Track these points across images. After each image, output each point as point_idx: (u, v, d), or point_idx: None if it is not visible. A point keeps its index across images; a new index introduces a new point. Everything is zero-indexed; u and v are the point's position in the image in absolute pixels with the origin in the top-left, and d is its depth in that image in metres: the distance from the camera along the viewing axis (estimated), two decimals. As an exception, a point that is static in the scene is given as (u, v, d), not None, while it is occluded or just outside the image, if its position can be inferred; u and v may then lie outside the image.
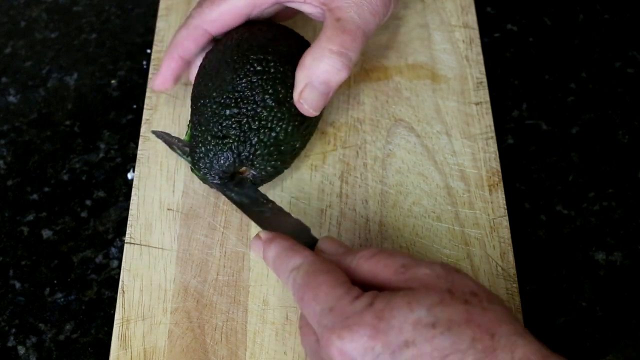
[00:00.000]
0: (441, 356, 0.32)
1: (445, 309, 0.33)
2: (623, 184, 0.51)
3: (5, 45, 0.60)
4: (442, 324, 0.33)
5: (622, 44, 0.58)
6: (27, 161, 0.54)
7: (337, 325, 0.34)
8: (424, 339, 0.32)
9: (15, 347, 0.46)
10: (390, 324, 0.33)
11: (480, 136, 0.51)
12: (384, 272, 0.36)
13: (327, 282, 0.36)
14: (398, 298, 0.34)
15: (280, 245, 0.40)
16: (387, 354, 0.32)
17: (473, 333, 0.32)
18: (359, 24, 0.44)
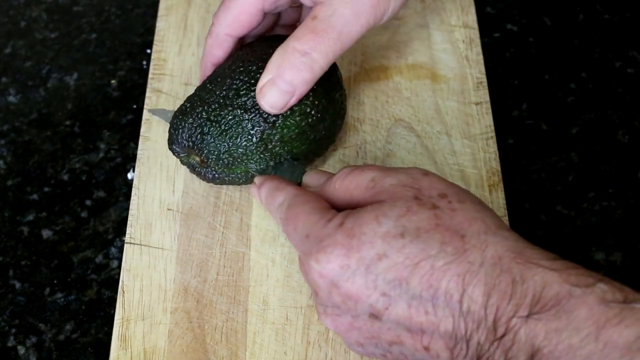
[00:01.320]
0: (413, 264, 0.33)
1: (412, 217, 0.34)
2: (623, 184, 0.51)
3: (5, 45, 0.60)
4: (410, 232, 0.33)
5: (622, 44, 0.58)
6: (27, 161, 0.54)
7: (314, 249, 0.35)
8: (394, 249, 0.33)
9: (15, 347, 0.46)
10: (362, 240, 0.34)
11: (480, 136, 0.51)
12: (356, 191, 0.37)
13: (304, 211, 0.37)
14: (366, 213, 0.34)
15: (268, 186, 0.41)
16: (362, 269, 0.33)
17: (442, 237, 0.33)
18: (335, 25, 0.41)
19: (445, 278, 0.32)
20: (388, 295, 0.33)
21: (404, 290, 0.33)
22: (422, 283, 0.33)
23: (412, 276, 0.33)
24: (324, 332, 0.43)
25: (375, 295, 0.34)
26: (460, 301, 0.32)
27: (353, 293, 0.34)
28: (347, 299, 0.34)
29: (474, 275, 0.32)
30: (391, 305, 0.33)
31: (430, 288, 0.32)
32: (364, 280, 0.34)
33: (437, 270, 0.32)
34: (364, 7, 0.41)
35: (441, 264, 0.32)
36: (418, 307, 0.33)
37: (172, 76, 0.54)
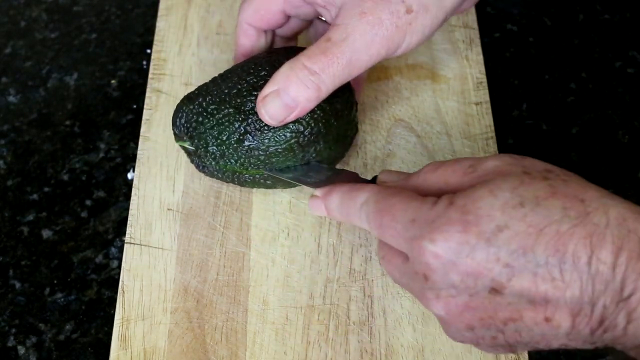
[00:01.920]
0: (537, 231, 0.32)
1: (527, 187, 0.33)
2: (623, 184, 0.51)
3: (5, 45, 0.60)
4: (529, 201, 0.33)
5: (622, 44, 0.58)
6: (27, 161, 0.54)
7: (425, 231, 0.34)
8: (515, 219, 0.32)
9: (15, 347, 0.46)
10: (478, 215, 0.33)
11: (480, 136, 0.51)
12: (453, 177, 0.36)
13: (400, 201, 0.36)
14: (478, 190, 0.34)
15: (340, 191, 0.40)
16: (482, 243, 0.33)
17: (562, 202, 0.33)
18: (345, 51, 0.40)
19: (572, 241, 0.32)
20: (511, 266, 0.32)
21: (529, 259, 0.32)
22: (548, 249, 0.32)
23: (537, 244, 0.32)
24: (324, 332, 0.43)
25: (497, 267, 0.33)
26: (589, 263, 0.32)
27: (473, 269, 0.33)
28: (467, 277, 0.33)
29: (601, 236, 0.32)
30: (515, 276, 0.32)
31: (557, 253, 0.32)
32: (485, 253, 0.33)
33: (562, 234, 0.32)
34: (378, 38, 0.41)
35: (566, 228, 0.32)
36: (544, 274, 0.32)
37: (172, 76, 0.54)
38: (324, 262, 0.46)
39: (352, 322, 0.44)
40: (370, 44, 0.41)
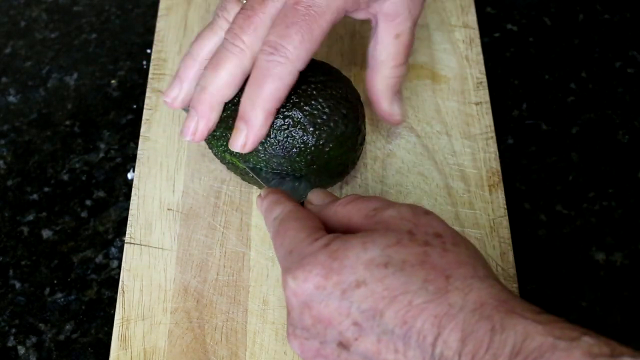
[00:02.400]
0: (391, 296, 0.31)
1: (400, 249, 0.33)
2: (623, 184, 0.51)
3: (5, 45, 0.60)
4: (394, 264, 0.32)
5: (622, 44, 0.58)
6: (27, 161, 0.54)
7: (293, 265, 0.34)
8: (375, 278, 0.32)
9: (15, 347, 0.46)
10: (343, 264, 0.33)
11: (480, 136, 0.51)
12: (356, 216, 0.36)
13: (294, 227, 0.36)
14: (354, 239, 0.33)
15: (269, 199, 0.40)
16: (338, 293, 0.32)
17: (426, 274, 0.32)
18: (414, 30, 0.44)
19: (422, 317, 0.31)
20: (360, 325, 0.32)
21: (377, 323, 0.32)
22: (396, 318, 0.31)
23: (387, 309, 0.31)
24: (324, 332, 0.43)
25: (346, 323, 0.32)
26: (434, 344, 0.31)
27: (325, 317, 0.33)
28: (318, 323, 0.33)
29: (451, 318, 0.31)
30: (361, 337, 0.32)
31: (404, 325, 0.31)
32: (337, 305, 0.32)
33: (414, 307, 0.31)
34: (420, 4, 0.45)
35: (420, 302, 0.31)
36: (388, 343, 0.32)
37: (172, 76, 0.54)
38: (324, 262, 0.46)
39: (352, 322, 0.44)
40: (419, 10, 0.44)
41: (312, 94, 0.43)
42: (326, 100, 0.43)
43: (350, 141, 0.44)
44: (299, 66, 0.41)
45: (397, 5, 0.43)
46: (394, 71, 0.44)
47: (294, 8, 0.41)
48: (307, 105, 0.43)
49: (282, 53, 0.40)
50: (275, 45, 0.40)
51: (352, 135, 0.44)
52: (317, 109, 0.43)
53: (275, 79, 0.40)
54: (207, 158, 0.50)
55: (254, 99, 0.41)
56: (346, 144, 0.44)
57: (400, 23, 0.44)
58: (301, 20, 0.40)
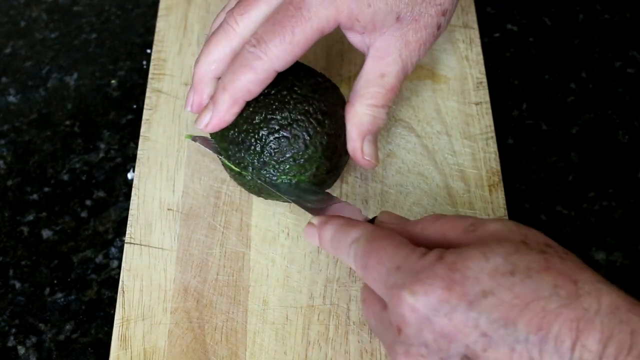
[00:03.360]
0: (523, 304, 0.30)
1: (522, 257, 0.32)
2: (623, 184, 0.51)
3: (5, 45, 0.60)
4: (521, 271, 0.31)
5: (622, 44, 0.58)
6: (27, 161, 0.54)
7: (408, 280, 0.32)
8: (503, 287, 0.31)
9: (15, 347, 0.46)
10: (465, 275, 0.31)
11: (480, 136, 0.51)
12: (451, 232, 0.35)
13: (390, 244, 0.35)
14: (470, 250, 0.32)
15: (336, 223, 0.39)
16: (463, 305, 0.31)
17: (554, 279, 0.31)
18: (401, 77, 0.44)
19: (558, 322, 0.30)
20: (489, 337, 0.31)
21: (509, 332, 0.30)
22: (530, 325, 0.30)
23: (520, 317, 0.30)
24: (324, 332, 0.43)
25: (474, 335, 0.31)
26: (572, 348, 0.30)
27: (449, 331, 0.31)
28: (441, 338, 0.32)
29: (589, 322, 0.30)
30: (491, 348, 0.31)
31: (540, 331, 0.30)
32: (464, 317, 0.31)
33: (549, 313, 0.30)
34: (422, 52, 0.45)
35: (554, 307, 0.30)
36: (522, 352, 0.30)
37: (172, 76, 0.54)
38: (324, 262, 0.46)
39: (352, 322, 0.44)
40: (417, 58, 0.44)
41: (286, 103, 0.43)
42: (297, 115, 0.43)
43: (311, 163, 0.43)
44: (277, 66, 0.41)
45: (390, 44, 0.43)
46: (370, 109, 0.43)
47: (286, 7, 0.41)
48: (274, 113, 0.43)
49: (263, 49, 0.41)
50: (258, 39, 0.41)
51: (313, 155, 0.43)
52: (283, 120, 0.43)
53: (251, 71, 0.41)
54: (207, 158, 0.50)
55: (226, 84, 0.42)
56: (306, 165, 0.43)
57: (389, 64, 0.43)
58: (287, 21, 0.41)
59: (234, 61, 0.42)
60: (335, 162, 0.44)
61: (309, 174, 0.43)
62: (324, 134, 0.43)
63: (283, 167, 0.43)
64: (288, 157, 0.43)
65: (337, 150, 0.44)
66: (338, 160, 0.45)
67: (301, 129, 0.43)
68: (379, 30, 0.43)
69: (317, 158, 0.43)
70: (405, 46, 0.43)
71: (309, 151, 0.43)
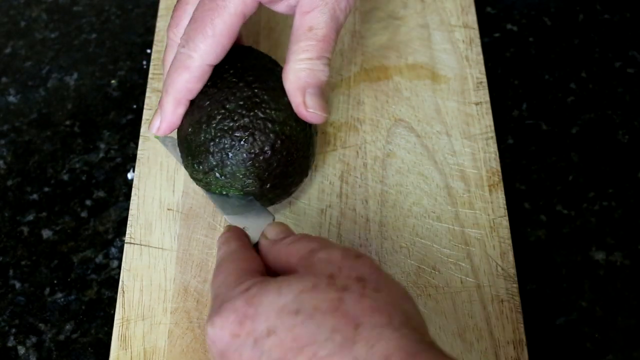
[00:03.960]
0: (299, 347, 0.30)
1: (313, 295, 0.31)
2: (623, 184, 0.51)
3: (5, 45, 0.60)
4: (305, 311, 0.31)
5: (622, 44, 0.58)
6: (27, 161, 0.54)
7: (214, 311, 0.33)
8: (285, 327, 0.31)
9: (15, 347, 0.46)
10: (258, 311, 0.32)
11: (480, 136, 0.51)
12: (294, 257, 0.35)
13: (227, 270, 0.36)
14: (272, 283, 0.33)
15: (222, 237, 0.40)
16: (250, 342, 0.31)
17: (336, 323, 0.30)
18: (332, 25, 0.42)
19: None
20: None
21: None
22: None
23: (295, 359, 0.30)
24: (324, 332, 0.43)
25: None
26: None
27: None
28: None
29: None
30: None
31: None
32: (250, 354, 0.31)
33: (319, 359, 0.30)
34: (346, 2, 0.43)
35: (324, 354, 0.30)
36: None
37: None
38: (324, 262, 0.46)
39: (352, 322, 0.44)
40: (343, 8, 0.42)
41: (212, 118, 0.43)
42: (219, 132, 0.42)
43: (235, 180, 0.43)
44: (209, 60, 0.42)
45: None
46: (304, 63, 0.42)
47: (203, 2, 0.42)
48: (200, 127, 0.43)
49: (191, 47, 0.41)
50: (186, 38, 0.42)
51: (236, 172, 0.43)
52: (207, 134, 0.43)
53: (185, 70, 0.42)
54: (207, 158, 0.50)
55: (167, 87, 0.43)
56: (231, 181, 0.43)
57: (315, 16, 0.42)
58: (205, 15, 0.41)
59: (171, 65, 0.43)
60: (269, 178, 0.43)
61: (236, 187, 0.43)
62: (245, 152, 0.42)
63: (210, 179, 0.43)
64: (212, 171, 0.43)
65: (272, 167, 0.43)
66: (277, 176, 0.43)
67: (222, 145, 0.42)
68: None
69: (240, 175, 0.43)
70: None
71: (229, 168, 0.43)
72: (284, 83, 0.43)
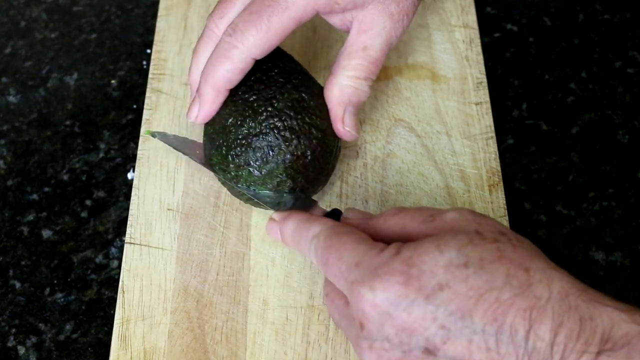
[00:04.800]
0: (477, 295, 0.31)
1: (475, 248, 0.32)
2: (623, 184, 0.51)
3: (5, 45, 0.60)
4: (474, 262, 0.32)
5: (622, 44, 0.58)
6: (27, 161, 0.54)
7: (367, 277, 0.33)
8: (457, 279, 0.32)
9: (15, 347, 0.46)
10: (422, 269, 0.32)
11: (480, 136, 0.51)
12: (411, 224, 0.36)
13: (350, 241, 0.35)
14: (426, 243, 0.33)
15: (297, 218, 0.39)
16: (421, 299, 0.32)
17: (507, 269, 0.32)
18: (385, 50, 0.44)
19: (511, 312, 0.31)
20: (447, 329, 0.31)
21: (466, 324, 0.31)
22: (486, 316, 0.31)
23: (475, 309, 0.31)
24: (324, 332, 0.43)
25: (433, 327, 0.32)
26: (527, 337, 0.31)
27: (409, 325, 0.32)
28: (401, 332, 0.32)
29: (541, 310, 0.31)
30: (450, 340, 0.31)
31: (495, 322, 0.31)
32: (422, 310, 0.32)
33: (502, 303, 0.31)
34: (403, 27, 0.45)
35: (507, 297, 0.31)
36: (480, 343, 0.31)
37: (172, 76, 0.54)
38: (324, 262, 0.46)
39: (352, 322, 0.44)
40: (398, 33, 0.44)
41: (259, 114, 0.43)
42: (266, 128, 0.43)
43: (272, 178, 0.43)
44: (254, 53, 0.42)
45: (373, 17, 0.43)
46: (352, 81, 0.44)
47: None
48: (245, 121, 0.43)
49: (239, 37, 0.41)
50: (234, 28, 0.42)
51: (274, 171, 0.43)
52: (251, 129, 0.43)
53: (229, 61, 0.42)
54: (207, 158, 0.50)
55: (207, 76, 0.43)
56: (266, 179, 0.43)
57: (372, 37, 0.43)
58: (263, 10, 0.41)
59: (213, 52, 0.43)
60: (301, 181, 0.44)
61: (270, 186, 0.43)
62: (288, 153, 0.43)
63: (242, 173, 0.43)
64: (249, 166, 0.43)
65: (307, 171, 0.43)
66: (308, 181, 0.44)
67: (266, 142, 0.43)
68: (360, 7, 0.43)
69: (277, 174, 0.43)
70: (389, 18, 0.43)
71: (268, 166, 0.43)
72: (326, 94, 0.44)
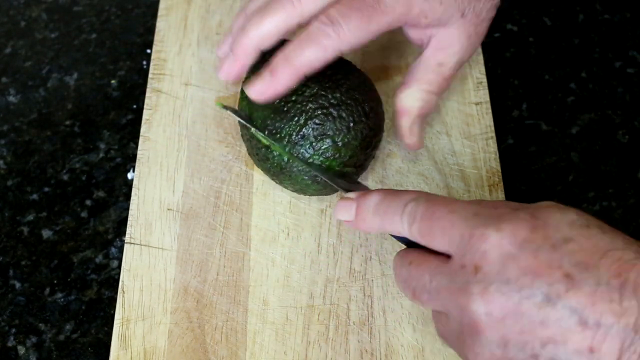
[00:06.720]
0: (602, 252, 0.32)
1: (591, 217, 0.34)
2: (623, 184, 0.51)
3: (5, 45, 0.60)
4: (595, 225, 0.33)
5: (622, 44, 0.58)
6: (27, 161, 0.54)
7: (492, 221, 0.33)
8: (582, 236, 0.32)
9: (15, 347, 0.46)
10: (547, 222, 0.33)
11: (480, 136, 0.51)
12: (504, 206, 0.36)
13: (456, 200, 0.36)
14: (544, 205, 0.34)
15: (383, 191, 0.39)
16: (547, 246, 0.32)
17: (624, 237, 0.33)
18: (457, 68, 0.45)
19: (634, 271, 0.31)
20: (572, 278, 0.31)
21: (591, 275, 0.31)
22: (610, 271, 0.31)
23: (600, 263, 0.31)
24: (324, 332, 0.43)
25: (557, 274, 0.31)
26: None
27: (534, 268, 0.32)
28: (525, 274, 0.32)
29: None
30: (574, 288, 0.31)
31: (619, 277, 0.31)
32: (548, 256, 0.32)
33: (626, 262, 0.31)
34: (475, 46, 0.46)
35: (629, 258, 0.31)
36: (603, 294, 0.31)
37: (172, 76, 0.54)
38: (324, 262, 0.46)
39: (352, 322, 0.44)
40: (471, 53, 0.46)
41: (340, 86, 0.44)
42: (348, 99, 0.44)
43: (347, 149, 0.44)
44: (345, 47, 0.41)
45: (453, 36, 0.44)
46: (424, 94, 0.45)
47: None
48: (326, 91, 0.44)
49: (336, 29, 0.41)
50: (333, 19, 0.41)
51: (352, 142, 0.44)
52: (333, 99, 0.43)
53: (320, 48, 0.41)
54: (207, 158, 0.50)
55: (290, 57, 0.41)
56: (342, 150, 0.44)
57: (449, 55, 0.45)
58: (365, 9, 0.41)
59: (302, 35, 0.41)
60: (364, 157, 0.45)
61: (340, 160, 0.44)
62: (366, 126, 0.44)
63: (320, 145, 0.43)
64: (328, 136, 0.43)
65: (371, 146, 0.45)
66: (367, 157, 0.46)
67: (348, 112, 0.44)
68: (443, 25, 0.44)
69: (354, 146, 0.44)
70: (467, 39, 0.45)
71: (349, 136, 0.43)
72: (398, 102, 0.46)
